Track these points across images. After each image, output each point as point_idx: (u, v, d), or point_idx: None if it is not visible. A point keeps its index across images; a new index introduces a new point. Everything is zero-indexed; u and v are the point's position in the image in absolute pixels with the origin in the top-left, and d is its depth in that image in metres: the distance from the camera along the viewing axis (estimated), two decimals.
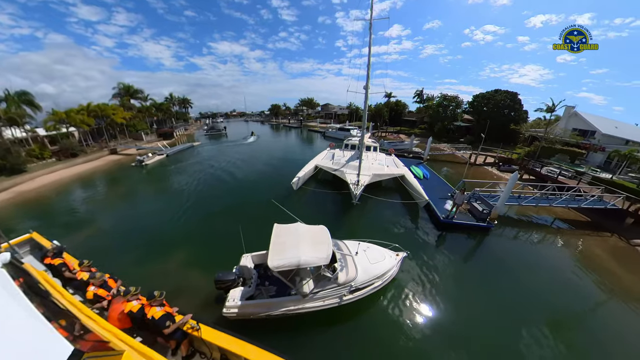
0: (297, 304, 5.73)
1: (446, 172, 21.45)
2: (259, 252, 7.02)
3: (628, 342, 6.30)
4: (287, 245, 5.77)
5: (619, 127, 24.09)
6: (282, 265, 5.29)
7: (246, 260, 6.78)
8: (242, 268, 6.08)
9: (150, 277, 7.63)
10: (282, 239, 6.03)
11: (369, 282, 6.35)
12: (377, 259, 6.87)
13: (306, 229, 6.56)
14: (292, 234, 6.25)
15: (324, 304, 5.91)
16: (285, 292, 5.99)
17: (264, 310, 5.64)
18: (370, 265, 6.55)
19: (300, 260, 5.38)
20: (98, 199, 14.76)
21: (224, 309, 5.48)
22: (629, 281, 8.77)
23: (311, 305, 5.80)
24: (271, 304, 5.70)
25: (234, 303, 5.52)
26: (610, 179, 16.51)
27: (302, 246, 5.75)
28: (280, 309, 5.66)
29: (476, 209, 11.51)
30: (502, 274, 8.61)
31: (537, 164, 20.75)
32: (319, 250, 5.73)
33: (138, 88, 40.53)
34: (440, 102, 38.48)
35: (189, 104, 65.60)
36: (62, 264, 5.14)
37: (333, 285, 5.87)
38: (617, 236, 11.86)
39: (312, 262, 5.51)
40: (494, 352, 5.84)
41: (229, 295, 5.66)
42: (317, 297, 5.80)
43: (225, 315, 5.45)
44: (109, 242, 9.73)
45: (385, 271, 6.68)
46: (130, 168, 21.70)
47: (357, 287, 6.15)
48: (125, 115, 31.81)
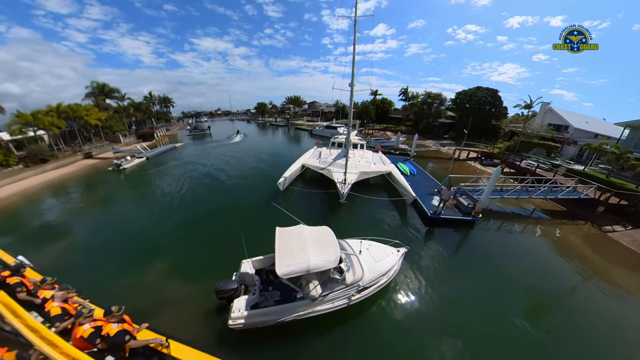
0: (306, 308, 5.57)
1: (432, 168, 21.95)
2: (260, 257, 6.82)
3: (600, 320, 6.89)
4: (294, 250, 5.55)
5: (589, 122, 25.67)
6: (292, 271, 5.07)
7: (247, 266, 6.49)
8: (243, 275, 5.89)
9: (132, 291, 7.18)
10: (287, 243, 5.78)
11: (375, 280, 6.33)
12: (381, 256, 6.85)
13: (310, 231, 6.36)
14: (296, 237, 6.03)
15: (334, 305, 5.81)
16: (290, 296, 5.83)
17: (273, 318, 5.41)
18: (375, 263, 6.52)
19: (309, 265, 5.21)
20: (72, 208, 13.72)
21: (230, 321, 5.15)
22: (601, 265, 9.44)
23: (321, 308, 5.69)
24: (280, 311, 5.48)
25: (240, 313, 5.20)
26: (582, 170, 17.54)
27: (310, 250, 5.56)
28: (290, 315, 5.48)
29: (462, 203, 11.82)
30: (488, 264, 8.93)
31: (517, 157, 21.69)
32: (327, 253, 5.59)
33: (114, 87, 38.36)
34: (425, 99, 39.28)
35: (171, 103, 63.04)
36: (18, 284, 4.47)
37: (341, 286, 5.80)
38: (590, 224, 12.62)
39: (322, 266, 5.36)
40: (484, 337, 6.11)
41: (233, 305, 5.34)
42: (326, 299, 5.70)
43: (232, 327, 5.15)
44: (85, 255, 9.03)
45: (389, 268, 6.71)
46: (107, 173, 20.44)
47: (365, 286, 6.09)
48: (101, 116, 29.93)
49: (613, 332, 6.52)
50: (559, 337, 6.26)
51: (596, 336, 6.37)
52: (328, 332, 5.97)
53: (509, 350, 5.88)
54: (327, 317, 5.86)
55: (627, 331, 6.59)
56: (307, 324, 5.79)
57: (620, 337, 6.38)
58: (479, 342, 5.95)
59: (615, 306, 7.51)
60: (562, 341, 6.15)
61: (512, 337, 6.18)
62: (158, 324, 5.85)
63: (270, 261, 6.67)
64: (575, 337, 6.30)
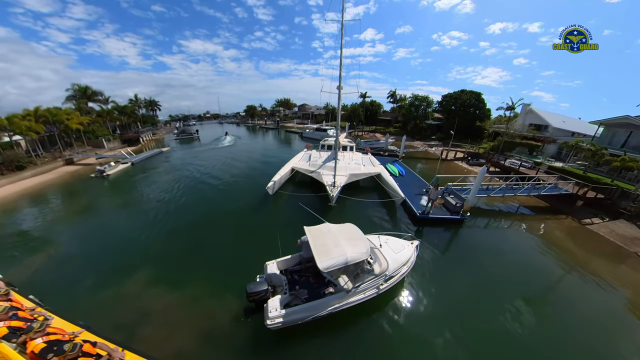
0: (341, 300, 5.85)
1: (420, 168, 22.39)
2: (283, 257, 7.06)
3: (581, 306, 7.39)
4: (329, 246, 5.95)
5: (566, 122, 27.00)
6: (332, 265, 5.48)
7: (272, 268, 6.71)
8: (269, 276, 6.14)
9: (118, 304, 6.85)
10: (321, 240, 6.14)
11: (397, 269, 6.82)
12: (399, 248, 7.33)
13: (339, 228, 6.78)
14: (327, 234, 6.42)
15: (365, 296, 6.17)
16: (318, 293, 6.05)
17: (310, 313, 5.62)
18: (395, 255, 6.99)
19: (347, 258, 5.66)
20: (50, 218, 12.91)
21: (268, 321, 5.29)
22: (581, 256, 9.96)
23: (355, 299, 6.01)
24: (316, 306, 5.69)
25: (277, 313, 5.38)
26: (562, 167, 18.36)
27: (343, 245, 5.99)
28: (325, 309, 5.71)
29: (450, 202, 12.07)
30: (478, 261, 9.15)
31: (501, 157, 22.47)
32: (359, 246, 6.04)
33: (97, 89, 37.07)
34: (412, 102, 40.17)
35: (157, 107, 61.59)
36: None
37: (371, 276, 6.20)
38: (571, 218, 13.21)
39: (357, 258, 5.81)
40: (479, 329, 6.36)
41: (269, 305, 5.50)
42: (358, 290, 6.05)
43: (271, 327, 5.31)
44: (65, 269, 8.46)
45: (408, 258, 7.19)
46: (90, 180, 19.50)
47: (390, 275, 6.55)
48: (83, 121, 28.80)
49: (593, 317, 6.94)
50: (547, 326, 6.54)
51: (579, 323, 6.71)
52: (360, 322, 6.31)
53: (501, 340, 6.08)
54: (356, 309, 6.16)
55: (604, 316, 7.03)
56: (338, 317, 6.02)
57: (598, 322, 6.80)
58: (472, 334, 6.15)
59: (596, 293, 7.98)
60: (549, 329, 6.42)
61: (503, 329, 6.39)
62: (148, 340, 5.78)
63: (295, 261, 7.08)
64: (561, 325, 6.61)
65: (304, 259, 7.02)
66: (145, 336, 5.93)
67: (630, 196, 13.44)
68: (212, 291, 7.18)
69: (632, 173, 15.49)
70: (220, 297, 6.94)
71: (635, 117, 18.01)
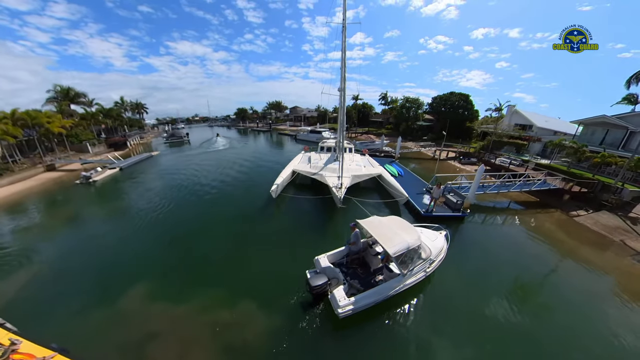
0: (399, 284, 6.46)
1: (415, 168, 22.92)
2: (331, 252, 7.50)
3: (571, 290, 8.05)
4: (389, 235, 6.52)
5: (548, 121, 28.63)
6: (399, 250, 6.10)
7: (324, 262, 7.12)
8: (324, 269, 6.71)
9: (116, 324, 6.25)
10: (380, 230, 6.74)
11: (437, 255, 7.42)
12: (433, 237, 7.97)
13: (388, 220, 7.38)
14: (381, 225, 7.01)
15: (416, 278, 6.84)
16: (368, 281, 6.73)
17: (375, 298, 6.16)
18: (433, 242, 7.60)
19: (408, 244, 6.28)
20: (30, 230, 11.65)
21: (339, 310, 5.70)
22: (571, 245, 10.77)
23: (409, 282, 6.66)
24: (380, 290, 6.24)
25: (347, 301, 5.81)
26: (548, 164, 19.43)
27: (400, 233, 6.61)
28: (388, 292, 6.30)
29: (451, 200, 12.46)
30: (480, 253, 9.62)
31: (492, 155, 23.46)
32: (412, 234, 6.69)
33: (80, 91, 35.37)
34: (404, 103, 41.20)
35: (144, 109, 59.59)
36: None
37: (420, 261, 6.86)
38: (559, 211, 14.02)
39: (414, 244, 6.43)
40: (485, 316, 6.80)
41: (336, 296, 5.90)
42: (412, 273, 6.70)
43: (343, 315, 5.72)
44: (48, 288, 7.59)
45: (442, 246, 7.84)
46: (75, 187, 18.27)
47: (432, 259, 7.21)
48: (65, 124, 27.32)
49: (583, 299, 7.61)
50: (542, 308, 7.20)
51: (571, 307, 7.27)
52: (416, 301, 7.00)
53: (503, 327, 6.46)
54: (408, 291, 6.81)
55: (593, 297, 7.74)
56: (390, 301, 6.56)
57: (587, 303, 7.47)
58: (478, 322, 6.56)
59: (584, 278, 8.72)
60: (544, 312, 7.02)
61: (505, 315, 6.82)
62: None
63: (342, 254, 7.60)
64: (555, 308, 7.20)
65: (351, 252, 7.53)
66: (155, 357, 5.52)
67: (610, 189, 14.46)
68: (223, 300, 6.92)
69: (610, 168, 16.65)
70: (232, 304, 6.76)
71: (611, 116, 19.41)
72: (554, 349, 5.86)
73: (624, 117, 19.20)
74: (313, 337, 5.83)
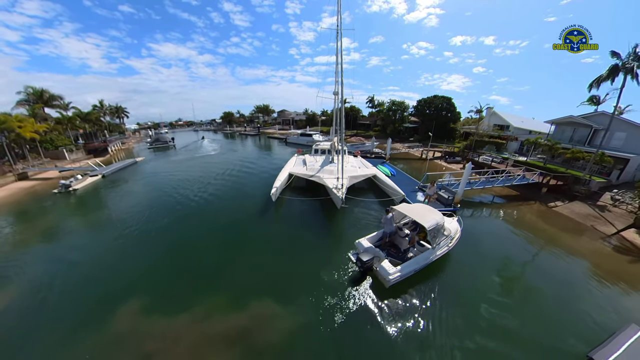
0: (431, 255, 7.83)
1: (405, 168, 23.81)
2: (369, 235, 8.73)
3: (553, 275, 8.74)
4: (421, 214, 8.03)
5: (524, 122, 30.88)
6: (432, 225, 7.59)
7: (365, 243, 8.30)
8: (367, 249, 8.01)
9: (113, 346, 5.75)
10: (413, 212, 8.25)
11: (455, 234, 8.91)
12: (449, 221, 9.42)
13: (416, 205, 9.34)
14: (412, 209, 8.52)
15: (442, 251, 8.15)
16: (401, 257, 8.03)
17: (415, 267, 7.48)
18: (450, 224, 9.18)
19: (437, 221, 7.82)
20: (0, 247, 10.34)
21: (390, 277, 6.90)
22: (551, 233, 11.82)
23: (438, 254, 8.00)
24: (418, 260, 7.60)
25: (395, 270, 7.06)
26: (525, 160, 21.00)
27: (428, 214, 8.09)
28: (424, 262, 7.69)
29: (443, 196, 13.23)
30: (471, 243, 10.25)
31: (475, 154, 24.92)
32: (437, 214, 8.20)
33: (56, 94, 33.46)
34: (390, 106, 42.67)
35: (124, 113, 57.22)
36: None
37: (444, 237, 8.39)
38: (539, 203, 15.28)
39: (441, 221, 8.04)
40: (475, 298, 7.36)
41: (384, 267, 7.10)
42: (439, 247, 8.06)
43: (392, 282, 6.99)
44: (22, 318, 6.54)
45: (457, 227, 9.37)
46: (52, 196, 16.68)
47: (452, 237, 8.68)
48: (38, 128, 25.63)
49: (563, 279, 8.48)
50: (527, 289, 8.04)
51: (553, 289, 7.97)
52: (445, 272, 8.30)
53: (495, 312, 6.97)
54: (437, 263, 8.21)
55: (571, 276, 8.71)
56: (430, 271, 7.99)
57: (567, 282, 8.35)
58: (469, 308, 7.06)
59: (564, 259, 9.70)
60: (530, 299, 7.62)
61: (496, 301, 7.34)
62: None
63: (379, 237, 8.79)
64: (538, 288, 8.03)
65: (386, 234, 8.71)
66: None
67: (581, 181, 15.96)
68: (229, 303, 6.95)
69: (579, 162, 18.34)
70: (239, 305, 6.85)
71: (577, 116, 21.37)
72: (537, 320, 6.63)
73: (588, 116, 21.21)
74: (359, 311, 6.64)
